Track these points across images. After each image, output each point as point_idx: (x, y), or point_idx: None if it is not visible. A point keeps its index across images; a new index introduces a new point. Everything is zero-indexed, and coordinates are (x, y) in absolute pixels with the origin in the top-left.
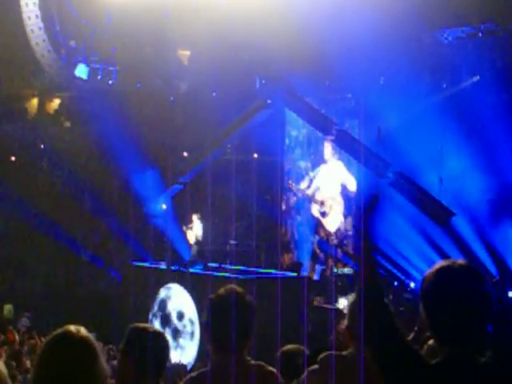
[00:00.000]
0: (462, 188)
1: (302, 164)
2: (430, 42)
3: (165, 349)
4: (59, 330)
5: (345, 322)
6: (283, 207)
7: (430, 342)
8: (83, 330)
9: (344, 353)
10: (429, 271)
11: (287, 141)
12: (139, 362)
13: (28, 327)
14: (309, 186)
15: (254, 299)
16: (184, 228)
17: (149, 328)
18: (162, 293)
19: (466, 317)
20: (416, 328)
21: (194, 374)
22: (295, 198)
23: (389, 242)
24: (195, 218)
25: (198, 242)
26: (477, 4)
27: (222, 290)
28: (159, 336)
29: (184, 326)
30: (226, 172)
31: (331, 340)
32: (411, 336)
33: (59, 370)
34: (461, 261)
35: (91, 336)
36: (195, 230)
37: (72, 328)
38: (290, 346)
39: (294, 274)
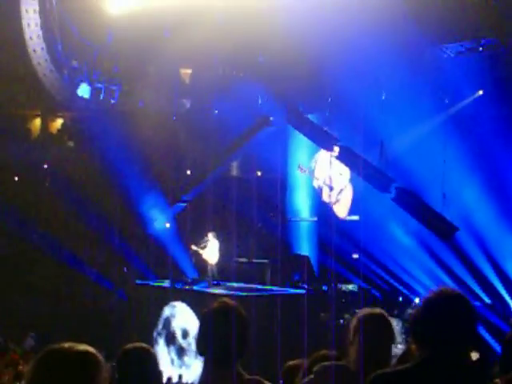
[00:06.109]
0: (466, 203)
1: None
2: (431, 57)
3: (144, 364)
4: (50, 347)
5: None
6: None
7: None
8: (79, 346)
9: (341, 362)
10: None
11: None
12: (119, 377)
13: (33, 347)
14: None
15: (257, 315)
16: (194, 247)
17: (130, 346)
18: (167, 311)
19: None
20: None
21: None
22: None
23: (393, 257)
24: (211, 236)
25: (218, 261)
26: (476, 19)
27: (216, 304)
28: (139, 352)
29: (189, 344)
30: (228, 190)
31: (331, 353)
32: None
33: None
34: (449, 290)
35: (87, 351)
36: (211, 249)
37: (65, 345)
38: (291, 362)
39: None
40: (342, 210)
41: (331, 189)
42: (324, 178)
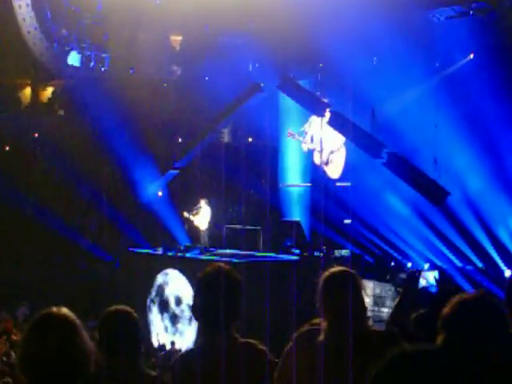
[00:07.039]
0: (457, 168)
1: None
2: (422, 21)
3: (124, 326)
4: (42, 311)
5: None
6: None
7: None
8: (64, 310)
9: (318, 327)
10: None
11: None
12: (102, 341)
13: (26, 316)
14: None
15: (249, 282)
16: (187, 214)
17: (113, 309)
18: (160, 278)
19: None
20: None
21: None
22: None
23: (385, 222)
24: (203, 203)
25: (209, 228)
26: None
27: (209, 268)
28: (120, 314)
29: (182, 311)
30: (220, 157)
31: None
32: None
33: (40, 348)
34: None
35: (72, 315)
36: (203, 216)
37: (53, 308)
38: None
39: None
40: (334, 171)
41: (322, 151)
42: (315, 141)
